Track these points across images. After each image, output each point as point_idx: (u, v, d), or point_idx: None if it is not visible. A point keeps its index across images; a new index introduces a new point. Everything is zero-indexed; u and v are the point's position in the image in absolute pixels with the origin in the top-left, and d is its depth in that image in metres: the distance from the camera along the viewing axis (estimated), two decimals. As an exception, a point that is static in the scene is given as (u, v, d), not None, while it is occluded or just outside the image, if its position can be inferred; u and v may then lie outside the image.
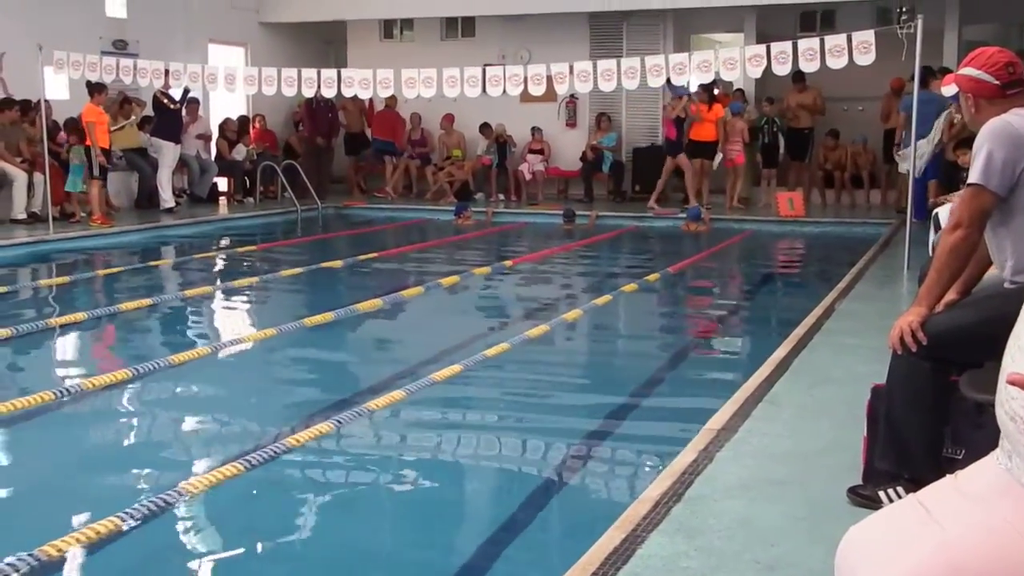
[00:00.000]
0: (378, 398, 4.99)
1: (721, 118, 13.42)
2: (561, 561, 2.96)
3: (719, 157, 13.63)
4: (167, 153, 13.07)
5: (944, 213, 5.81)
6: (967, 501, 1.62)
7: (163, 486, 3.80)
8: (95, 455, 4.63)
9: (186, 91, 12.93)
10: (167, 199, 13.06)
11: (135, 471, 4.37)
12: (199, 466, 4.28)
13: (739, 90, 14.27)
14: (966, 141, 8.52)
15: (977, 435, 3.08)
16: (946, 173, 9.95)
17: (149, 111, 13.25)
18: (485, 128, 15.15)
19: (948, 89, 4.02)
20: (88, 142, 11.52)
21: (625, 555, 2.95)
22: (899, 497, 3.18)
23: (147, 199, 13.39)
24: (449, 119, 15.40)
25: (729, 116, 13.63)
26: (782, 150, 13.93)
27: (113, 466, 4.47)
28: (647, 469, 4.23)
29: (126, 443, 4.86)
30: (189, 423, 5.10)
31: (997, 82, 3.13)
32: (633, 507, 3.31)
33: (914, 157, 8.55)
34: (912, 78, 12.31)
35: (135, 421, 5.25)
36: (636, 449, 4.70)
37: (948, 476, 1.76)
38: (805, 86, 13.67)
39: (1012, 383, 1.47)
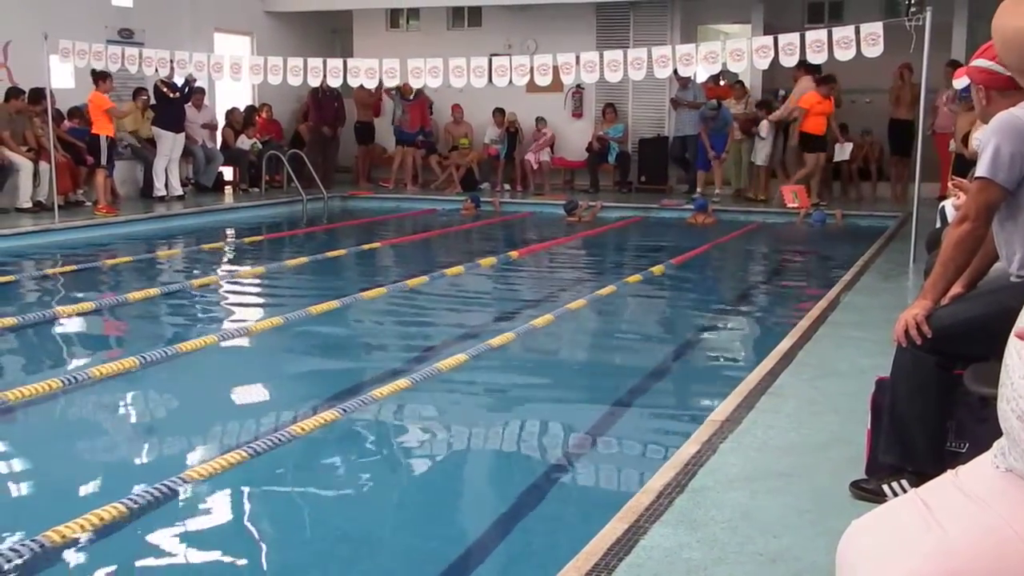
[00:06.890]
0: (383, 386, 4.99)
1: (832, 113, 12.90)
2: (564, 551, 2.96)
3: (848, 147, 13.35)
4: (165, 142, 13.09)
5: (950, 206, 5.80)
6: (967, 500, 1.61)
7: (168, 473, 3.81)
8: (100, 443, 4.65)
9: (187, 81, 12.92)
10: (159, 187, 13.10)
11: (140, 458, 4.39)
12: (204, 454, 4.30)
13: (739, 82, 14.23)
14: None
15: (981, 429, 3.08)
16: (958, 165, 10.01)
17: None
18: (498, 113, 15.15)
19: (960, 82, 3.98)
20: (95, 130, 11.52)
21: (628, 546, 2.96)
22: (903, 491, 3.18)
23: (152, 189, 13.40)
24: (459, 108, 15.39)
25: None
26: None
27: (119, 453, 4.50)
28: (650, 460, 4.23)
29: (132, 431, 4.87)
30: (195, 411, 5.12)
31: (1008, 73, 3.13)
32: (636, 498, 3.32)
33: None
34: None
35: (141, 409, 5.27)
36: (639, 440, 4.70)
37: (949, 472, 1.75)
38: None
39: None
